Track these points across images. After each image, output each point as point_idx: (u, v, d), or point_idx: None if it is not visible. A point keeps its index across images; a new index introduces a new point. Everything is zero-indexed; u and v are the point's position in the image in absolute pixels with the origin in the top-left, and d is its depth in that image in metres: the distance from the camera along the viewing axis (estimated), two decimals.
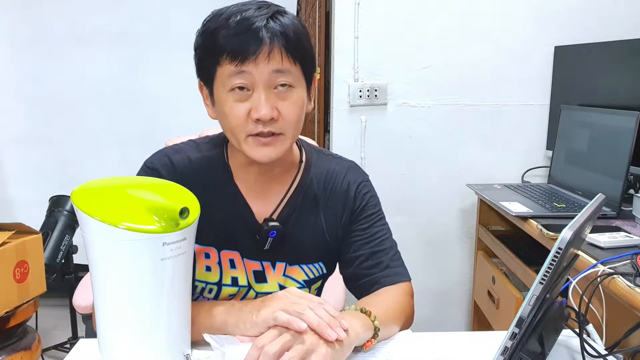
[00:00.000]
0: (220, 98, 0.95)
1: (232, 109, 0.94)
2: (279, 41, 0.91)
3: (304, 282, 1.08)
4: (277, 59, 0.92)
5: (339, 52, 2.32)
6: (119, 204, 0.75)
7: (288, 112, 0.95)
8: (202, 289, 1.06)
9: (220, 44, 0.92)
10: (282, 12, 0.95)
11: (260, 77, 0.92)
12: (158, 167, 1.03)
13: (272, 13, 0.93)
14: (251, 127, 0.94)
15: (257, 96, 0.92)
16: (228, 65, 0.92)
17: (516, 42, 2.32)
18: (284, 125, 0.95)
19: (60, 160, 2.66)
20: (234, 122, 0.94)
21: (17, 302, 1.45)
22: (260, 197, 1.05)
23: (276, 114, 0.93)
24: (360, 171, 1.13)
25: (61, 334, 2.51)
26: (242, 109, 0.93)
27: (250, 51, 0.90)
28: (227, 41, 0.91)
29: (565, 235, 0.70)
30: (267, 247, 1.04)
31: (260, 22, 0.91)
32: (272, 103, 0.93)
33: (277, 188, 1.06)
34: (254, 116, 0.93)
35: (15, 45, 2.58)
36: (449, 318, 2.53)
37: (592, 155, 1.88)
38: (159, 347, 0.78)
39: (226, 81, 0.93)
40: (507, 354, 0.73)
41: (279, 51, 0.91)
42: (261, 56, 0.90)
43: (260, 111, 0.92)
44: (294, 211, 1.06)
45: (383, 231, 1.08)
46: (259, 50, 0.90)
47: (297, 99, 0.96)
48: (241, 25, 0.91)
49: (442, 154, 2.39)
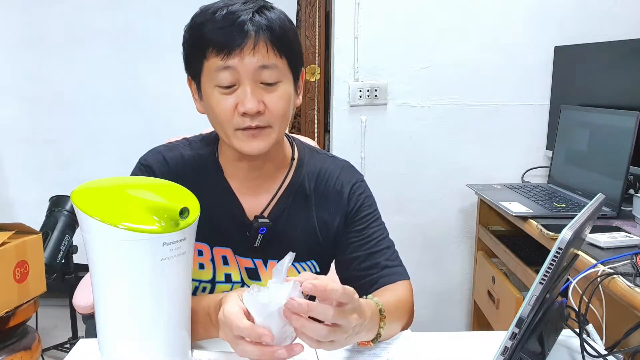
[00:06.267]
0: (207, 92, 0.96)
1: (219, 102, 0.94)
2: (264, 34, 0.92)
3: None
4: (263, 52, 0.92)
5: (339, 52, 2.32)
6: (119, 204, 0.75)
7: (275, 105, 0.95)
8: (196, 287, 1.06)
9: (206, 37, 0.93)
10: (269, 7, 0.96)
11: (246, 71, 0.92)
12: (152, 165, 1.05)
13: (258, 7, 0.94)
14: (238, 120, 0.94)
15: (243, 90, 0.93)
16: (214, 59, 0.93)
17: (516, 42, 2.32)
18: (271, 118, 0.95)
19: (60, 160, 2.66)
20: (222, 115, 0.95)
21: (17, 302, 1.45)
22: (251, 194, 1.06)
23: (262, 107, 0.94)
24: (354, 171, 1.13)
25: (61, 334, 2.51)
26: (229, 103, 0.94)
27: (236, 44, 0.91)
28: (212, 35, 0.92)
29: (565, 235, 0.70)
30: (258, 244, 1.04)
31: (245, 15, 0.91)
32: (259, 97, 0.93)
33: (268, 185, 1.07)
34: (240, 110, 0.93)
35: (15, 45, 2.58)
36: (449, 318, 2.53)
37: (592, 155, 1.88)
38: (159, 347, 0.78)
39: (212, 75, 0.94)
40: (507, 354, 0.73)
41: (264, 44, 0.92)
42: (246, 49, 0.91)
43: (246, 105, 0.92)
44: (285, 209, 1.06)
45: (380, 231, 1.08)
46: (244, 43, 0.91)
47: (283, 93, 0.96)
48: (227, 18, 0.92)
49: (442, 154, 2.39)
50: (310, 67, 2.67)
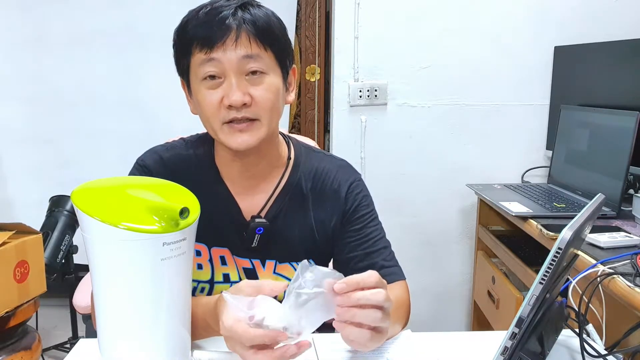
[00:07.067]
0: (195, 89, 0.97)
1: (205, 97, 0.95)
2: (246, 27, 0.93)
3: None
4: (246, 43, 0.93)
5: (339, 52, 2.32)
6: (119, 204, 0.75)
7: (261, 97, 0.95)
8: (194, 288, 1.06)
9: (190, 34, 0.94)
10: (254, 4, 0.96)
11: (230, 63, 0.93)
12: (149, 165, 1.05)
13: (242, 3, 0.94)
14: (224, 114, 0.94)
15: (228, 82, 0.93)
16: (198, 54, 0.94)
17: (516, 42, 2.32)
18: (258, 110, 0.95)
19: (60, 160, 2.66)
20: (209, 110, 0.95)
21: (17, 302, 1.45)
22: (247, 194, 1.06)
23: (249, 99, 0.94)
24: (351, 170, 1.12)
25: (61, 334, 2.52)
26: (215, 97, 0.94)
27: (217, 37, 0.92)
28: (195, 31, 0.93)
29: (565, 235, 0.70)
30: (255, 245, 1.04)
31: (228, 10, 0.93)
32: (244, 89, 0.94)
33: (265, 185, 1.06)
34: (226, 103, 0.93)
35: (15, 45, 2.58)
36: (449, 318, 2.53)
37: (592, 155, 1.88)
38: (159, 347, 0.78)
39: (198, 70, 0.95)
40: (507, 354, 0.73)
41: (246, 36, 0.93)
42: (228, 41, 0.92)
43: (231, 97, 0.92)
44: (281, 209, 1.06)
45: (377, 231, 1.08)
46: (226, 35, 0.92)
47: (269, 85, 0.96)
48: (209, 14, 0.93)
49: (442, 154, 2.39)
50: (310, 67, 2.67)
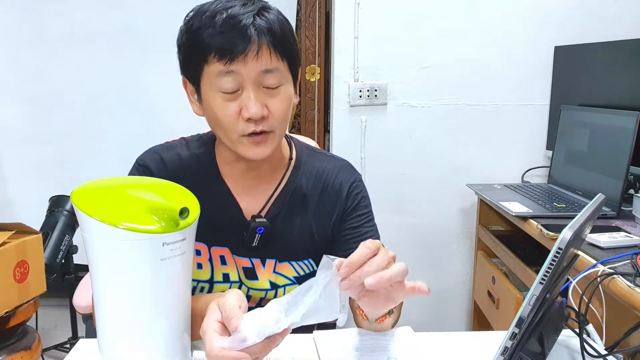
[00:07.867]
0: (208, 97, 0.95)
1: (222, 108, 0.94)
2: (266, 38, 0.91)
3: (294, 278, 1.09)
4: (266, 55, 0.92)
5: (339, 52, 2.32)
6: (119, 204, 0.75)
7: (277, 109, 0.95)
8: (194, 287, 1.06)
9: (206, 42, 0.91)
10: (267, 8, 0.95)
11: (249, 76, 0.92)
12: (149, 164, 1.05)
13: (258, 10, 0.93)
14: (243, 127, 0.94)
15: (246, 95, 0.93)
16: (216, 64, 0.92)
17: (516, 42, 2.32)
18: (273, 122, 0.95)
19: (60, 160, 2.66)
20: (225, 121, 0.94)
21: (17, 302, 1.45)
22: (248, 194, 1.06)
23: (266, 112, 0.94)
24: (352, 170, 1.13)
25: (61, 334, 2.52)
26: (232, 108, 0.93)
27: (239, 49, 0.90)
28: (213, 40, 0.91)
29: (565, 235, 0.70)
30: (256, 244, 1.04)
31: (247, 19, 0.91)
32: (262, 100, 0.93)
33: (266, 186, 1.07)
34: (245, 115, 0.93)
35: (15, 45, 2.58)
36: (449, 318, 2.53)
37: (592, 155, 1.88)
38: (159, 347, 0.78)
39: (214, 80, 0.93)
40: (507, 354, 0.73)
41: (267, 48, 0.92)
42: (250, 54, 0.90)
43: (250, 110, 0.92)
44: (282, 209, 1.06)
45: (372, 232, 1.09)
46: (247, 48, 0.90)
47: (285, 95, 0.96)
48: (227, 23, 0.90)
49: (442, 154, 2.39)
50: (310, 67, 2.67)
